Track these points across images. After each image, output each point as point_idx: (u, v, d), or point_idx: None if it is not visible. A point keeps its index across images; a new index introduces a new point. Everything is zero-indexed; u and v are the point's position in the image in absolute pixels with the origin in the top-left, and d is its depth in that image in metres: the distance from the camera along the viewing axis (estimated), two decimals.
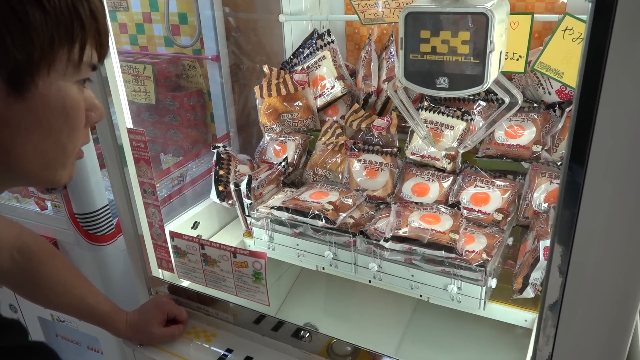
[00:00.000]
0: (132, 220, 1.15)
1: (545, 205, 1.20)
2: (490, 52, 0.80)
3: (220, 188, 1.42)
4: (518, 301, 1.10)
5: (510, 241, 1.20)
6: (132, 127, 1.12)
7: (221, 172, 1.44)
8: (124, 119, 1.09)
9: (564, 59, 1.23)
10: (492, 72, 0.85)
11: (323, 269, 1.30)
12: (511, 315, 1.11)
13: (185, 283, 1.19)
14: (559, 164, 1.22)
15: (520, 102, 1.00)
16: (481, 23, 0.78)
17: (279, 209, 1.27)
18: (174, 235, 1.10)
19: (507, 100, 0.98)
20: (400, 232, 1.12)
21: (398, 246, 1.12)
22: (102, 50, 0.63)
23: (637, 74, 0.58)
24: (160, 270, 1.20)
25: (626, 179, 0.63)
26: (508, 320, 1.12)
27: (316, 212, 1.22)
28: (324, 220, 1.20)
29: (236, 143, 1.77)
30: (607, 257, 0.68)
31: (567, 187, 0.66)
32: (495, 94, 1.38)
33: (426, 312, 1.40)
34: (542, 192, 1.21)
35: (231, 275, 1.05)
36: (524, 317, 1.10)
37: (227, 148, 1.48)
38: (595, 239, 0.67)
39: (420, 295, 1.17)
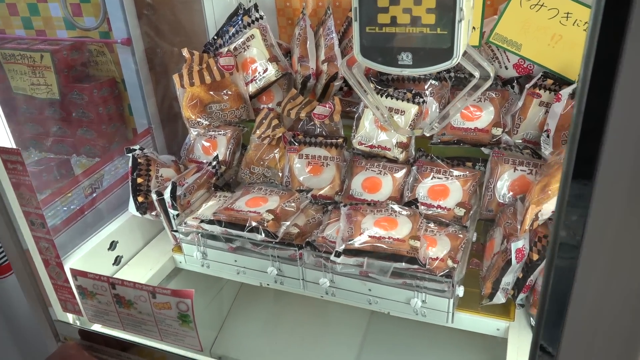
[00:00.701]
0: (22, 258, 0.89)
1: (510, 195, 1.06)
2: (459, 21, 0.64)
3: (140, 199, 1.17)
4: (487, 307, 0.97)
5: (474, 237, 1.06)
6: (9, 141, 0.86)
7: (140, 180, 1.19)
8: None
9: (522, 30, 1.08)
10: (462, 45, 0.68)
11: (267, 285, 1.10)
12: (482, 325, 0.96)
13: (98, 326, 0.96)
14: (521, 147, 1.08)
15: (492, 76, 0.85)
16: None
17: (210, 222, 1.05)
18: (76, 273, 0.86)
19: (476, 74, 0.82)
20: (355, 244, 0.93)
21: (351, 260, 0.94)
22: None
23: None
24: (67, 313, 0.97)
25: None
26: (478, 330, 0.97)
27: (254, 223, 1.01)
28: (263, 234, 1.00)
29: (161, 139, 1.51)
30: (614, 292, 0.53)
31: (570, 202, 0.50)
32: (448, 72, 1.21)
33: (384, 318, 1.25)
34: (506, 181, 1.06)
35: (152, 318, 0.83)
36: (495, 326, 0.96)
37: (144, 150, 1.23)
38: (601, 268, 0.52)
39: (381, 309, 1.01)
